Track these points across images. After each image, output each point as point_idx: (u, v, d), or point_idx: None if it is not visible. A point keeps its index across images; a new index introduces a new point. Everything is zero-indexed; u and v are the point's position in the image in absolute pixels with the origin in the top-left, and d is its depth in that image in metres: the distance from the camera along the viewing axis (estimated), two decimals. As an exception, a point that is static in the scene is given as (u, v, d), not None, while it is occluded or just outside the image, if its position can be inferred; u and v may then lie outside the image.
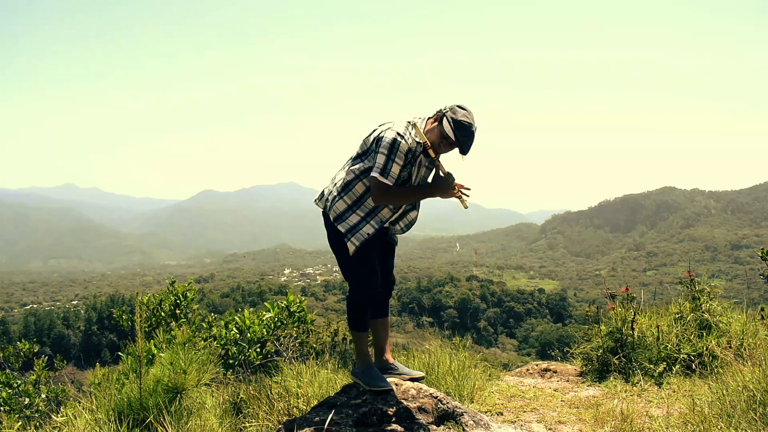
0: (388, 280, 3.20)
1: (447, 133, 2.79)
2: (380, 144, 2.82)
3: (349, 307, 3.09)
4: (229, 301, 60.11)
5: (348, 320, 3.13)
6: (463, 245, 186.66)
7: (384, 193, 2.83)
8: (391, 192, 2.84)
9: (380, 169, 2.78)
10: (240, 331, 5.02)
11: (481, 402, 3.59)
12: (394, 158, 2.79)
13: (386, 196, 2.85)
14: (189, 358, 3.31)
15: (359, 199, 2.95)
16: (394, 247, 3.23)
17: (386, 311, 3.25)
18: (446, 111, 2.83)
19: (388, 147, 2.79)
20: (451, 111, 2.81)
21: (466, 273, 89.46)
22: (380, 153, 2.80)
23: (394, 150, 2.79)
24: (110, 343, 46.97)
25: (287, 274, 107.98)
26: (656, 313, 4.48)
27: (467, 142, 2.80)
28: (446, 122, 2.79)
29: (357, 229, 2.93)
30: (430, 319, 58.49)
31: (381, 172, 2.78)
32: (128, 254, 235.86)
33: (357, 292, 3.02)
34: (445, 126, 2.80)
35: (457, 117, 2.78)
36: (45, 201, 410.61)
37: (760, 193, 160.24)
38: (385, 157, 2.78)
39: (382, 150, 2.80)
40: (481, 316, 67.37)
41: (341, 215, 2.96)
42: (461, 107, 2.83)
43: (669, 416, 3.10)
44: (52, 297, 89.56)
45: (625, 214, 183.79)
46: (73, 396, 4.27)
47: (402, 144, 2.80)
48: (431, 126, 2.89)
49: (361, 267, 2.97)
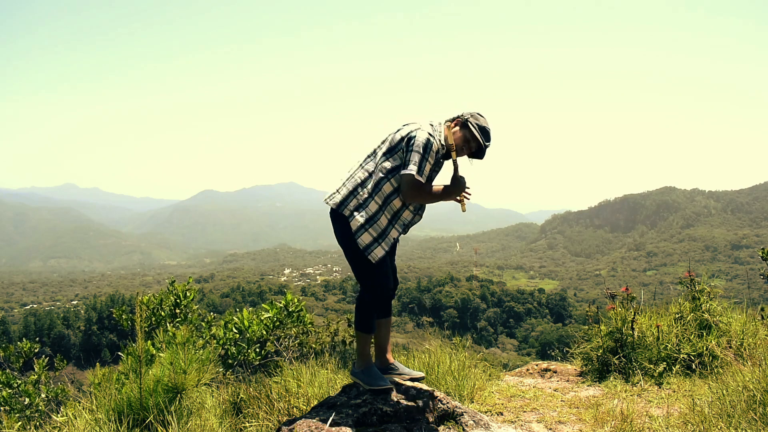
0: (394, 282, 3.22)
1: (473, 138, 2.97)
2: (413, 143, 2.88)
3: (359, 307, 3.07)
4: (229, 301, 60.15)
5: (355, 320, 3.11)
6: (463, 245, 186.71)
7: (418, 191, 2.87)
8: (424, 190, 2.90)
9: (416, 167, 2.84)
10: (239, 331, 5.01)
11: (481, 402, 3.59)
12: (428, 157, 2.88)
13: (420, 194, 2.89)
14: (189, 358, 3.31)
15: (386, 200, 2.95)
16: (395, 246, 3.25)
17: (389, 311, 3.26)
18: (468, 117, 3.00)
19: (423, 146, 2.87)
20: (473, 117, 2.99)
21: (466, 273, 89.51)
22: (414, 152, 2.86)
23: (428, 150, 2.88)
24: (110, 343, 46.99)
25: (287, 274, 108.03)
26: (656, 313, 4.47)
27: (488, 148, 3.01)
28: (472, 128, 2.97)
29: (386, 233, 2.95)
30: (430, 319, 58.48)
31: (417, 171, 2.84)
32: (128, 254, 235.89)
33: (371, 291, 3.01)
34: (471, 131, 2.97)
35: (481, 123, 2.98)
36: (45, 201, 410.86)
37: (760, 193, 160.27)
38: (420, 155, 2.86)
39: (416, 149, 2.86)
40: (481, 316, 67.40)
41: (373, 217, 2.93)
42: (480, 115, 3.02)
43: (669, 416, 3.10)
44: (52, 297, 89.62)
45: (625, 214, 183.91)
46: (73, 396, 4.27)
47: (434, 144, 2.92)
48: (454, 129, 3.03)
49: (377, 267, 2.97)
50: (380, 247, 2.94)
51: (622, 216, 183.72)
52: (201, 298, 51.27)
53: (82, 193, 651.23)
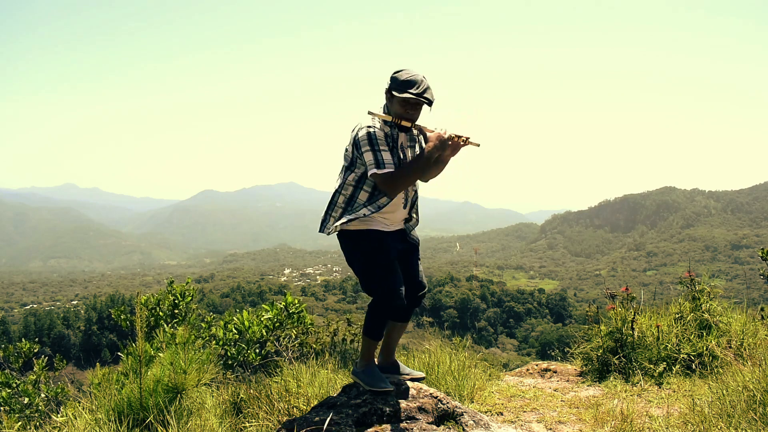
0: (417, 285, 3.07)
1: (402, 96, 2.78)
2: (359, 144, 2.80)
3: (369, 312, 2.96)
4: (229, 301, 60.14)
5: (364, 324, 3.02)
6: (463, 245, 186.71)
7: (392, 181, 2.77)
8: (397, 176, 2.78)
9: (374, 163, 2.75)
10: (239, 331, 5.01)
11: (481, 402, 3.59)
12: (379, 147, 2.78)
13: (396, 182, 2.78)
14: (189, 358, 3.31)
15: (370, 199, 2.86)
16: (417, 248, 3.11)
17: (407, 317, 3.15)
18: (389, 84, 2.85)
19: (367, 141, 2.78)
20: (392, 80, 2.83)
21: (466, 273, 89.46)
22: (365, 152, 2.78)
23: (373, 140, 2.78)
24: (110, 343, 46.95)
25: (287, 274, 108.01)
26: (656, 313, 4.47)
27: (423, 92, 2.78)
28: (395, 90, 2.80)
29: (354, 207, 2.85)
30: (430, 319, 58.42)
31: (377, 166, 2.75)
32: (128, 254, 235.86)
33: (380, 297, 2.88)
34: (396, 94, 2.79)
35: (401, 78, 2.80)
36: (45, 201, 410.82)
37: (760, 193, 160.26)
38: (371, 151, 2.77)
39: (364, 148, 2.78)
40: (481, 316, 67.37)
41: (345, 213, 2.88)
42: (398, 70, 2.84)
43: (669, 416, 3.10)
44: (52, 297, 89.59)
45: (625, 214, 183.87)
46: (73, 396, 4.27)
47: (377, 132, 2.80)
48: (388, 104, 2.91)
49: (383, 278, 2.84)
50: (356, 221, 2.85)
51: (622, 216, 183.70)
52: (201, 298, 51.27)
53: (82, 193, 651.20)
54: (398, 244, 3.00)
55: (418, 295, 3.09)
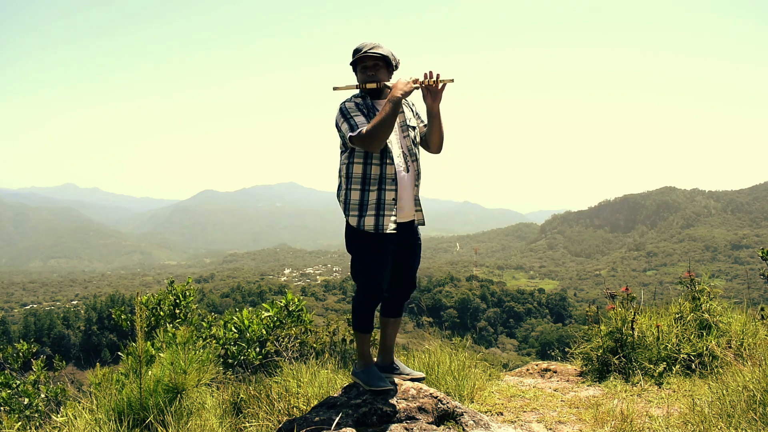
0: (408, 282, 3.17)
1: (354, 60, 2.97)
2: (337, 122, 2.96)
3: (353, 308, 3.08)
4: (229, 301, 60.10)
5: (352, 320, 3.12)
6: (463, 245, 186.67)
7: (367, 137, 2.81)
8: (369, 130, 2.81)
9: (349, 128, 2.87)
10: (239, 331, 5.01)
11: (481, 402, 3.59)
12: (351, 115, 2.91)
13: (371, 137, 2.80)
14: (189, 358, 3.31)
15: (364, 178, 2.93)
16: (418, 247, 3.16)
17: (400, 312, 3.24)
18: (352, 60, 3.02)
19: (341, 114, 2.94)
20: (354, 53, 3.00)
21: (466, 273, 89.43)
22: (341, 125, 2.92)
23: (345, 111, 2.93)
24: (110, 343, 46.96)
25: (287, 274, 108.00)
26: (656, 313, 4.47)
27: (370, 49, 2.93)
28: (351, 62, 3.00)
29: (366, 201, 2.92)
30: (430, 319, 58.42)
31: (351, 129, 2.86)
32: (128, 254, 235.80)
33: (361, 292, 3.01)
34: (356, 63, 2.98)
35: (357, 47, 2.99)
36: (45, 201, 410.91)
37: (760, 193, 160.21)
38: (345, 119, 2.91)
39: (339, 122, 2.93)
40: (481, 316, 67.35)
41: (345, 198, 2.97)
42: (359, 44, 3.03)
43: (669, 416, 3.10)
44: (52, 297, 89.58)
45: (625, 214, 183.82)
46: (73, 396, 4.27)
47: (347, 104, 2.97)
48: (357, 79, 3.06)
49: (370, 267, 2.94)
50: (369, 216, 2.91)
51: (622, 216, 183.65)
52: (201, 298, 51.24)
53: (82, 193, 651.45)
54: (398, 246, 3.03)
55: (407, 292, 3.21)
